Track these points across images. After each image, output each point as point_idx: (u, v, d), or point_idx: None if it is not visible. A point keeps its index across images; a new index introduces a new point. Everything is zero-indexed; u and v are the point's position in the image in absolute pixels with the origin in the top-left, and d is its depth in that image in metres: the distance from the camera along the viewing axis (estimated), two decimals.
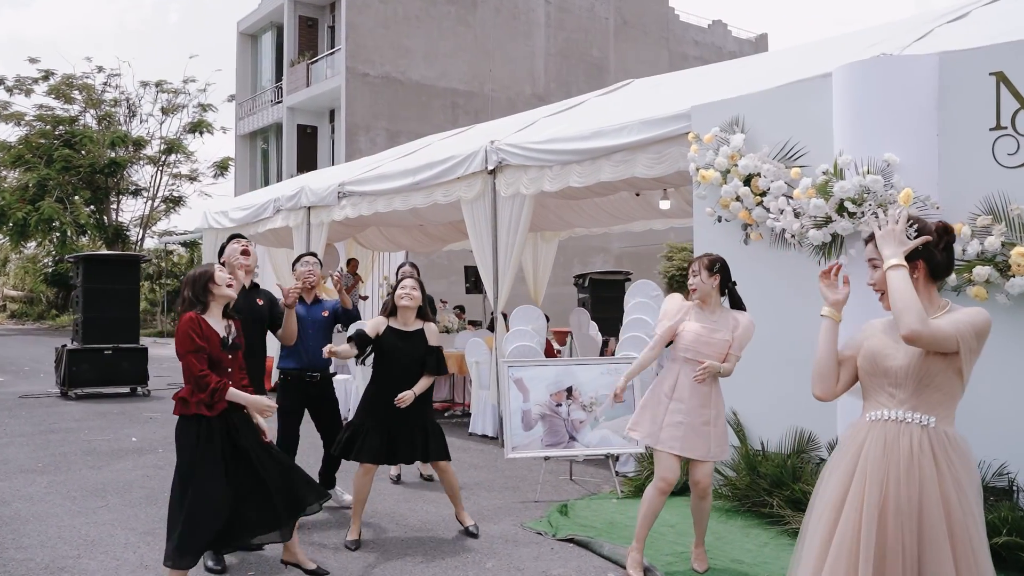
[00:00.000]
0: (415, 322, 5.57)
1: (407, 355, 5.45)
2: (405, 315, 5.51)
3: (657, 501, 4.76)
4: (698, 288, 4.76)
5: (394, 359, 5.43)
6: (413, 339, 5.50)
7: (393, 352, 5.43)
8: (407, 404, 5.33)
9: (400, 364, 5.43)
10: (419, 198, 9.99)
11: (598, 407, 6.80)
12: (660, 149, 7.32)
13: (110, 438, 9.31)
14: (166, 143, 36.71)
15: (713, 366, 4.66)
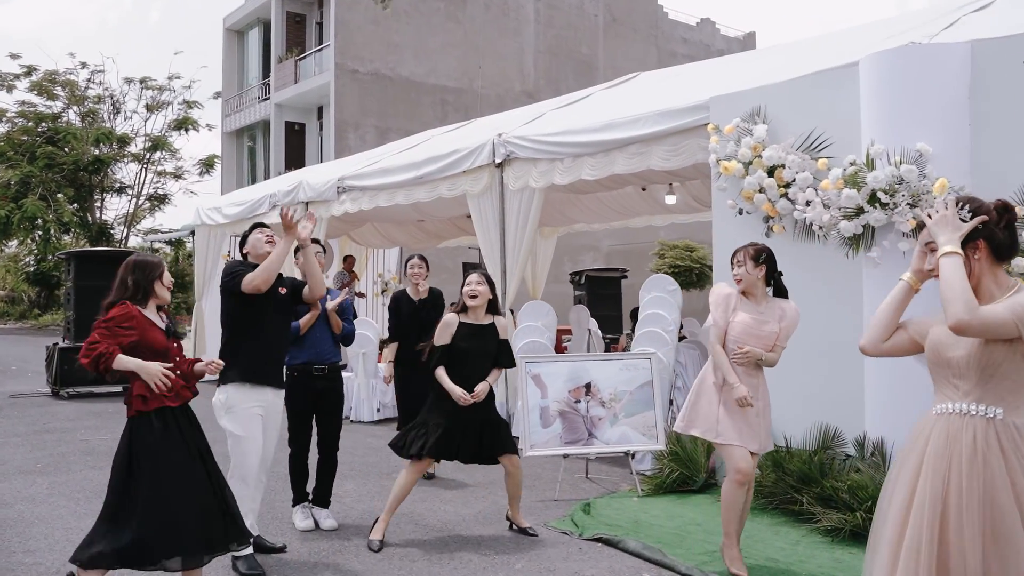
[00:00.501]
0: (486, 316, 5.51)
1: (479, 350, 5.42)
2: (476, 310, 5.47)
3: (737, 494, 4.59)
4: (743, 279, 4.60)
5: (467, 354, 5.38)
6: (485, 333, 5.46)
7: (466, 348, 5.38)
8: (482, 398, 5.33)
9: (472, 359, 5.39)
10: (423, 192, 9.82)
11: (617, 403, 6.65)
12: (677, 141, 7.18)
13: (108, 438, 9.08)
14: (151, 140, 36.25)
15: (754, 352, 4.51)
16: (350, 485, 6.92)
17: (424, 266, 7.19)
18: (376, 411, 10.32)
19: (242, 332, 4.77)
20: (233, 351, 4.77)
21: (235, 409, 4.73)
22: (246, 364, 4.78)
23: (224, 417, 4.76)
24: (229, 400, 4.74)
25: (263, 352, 4.89)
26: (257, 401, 4.80)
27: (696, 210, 11.47)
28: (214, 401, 4.79)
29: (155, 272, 4.16)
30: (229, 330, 4.83)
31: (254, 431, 4.79)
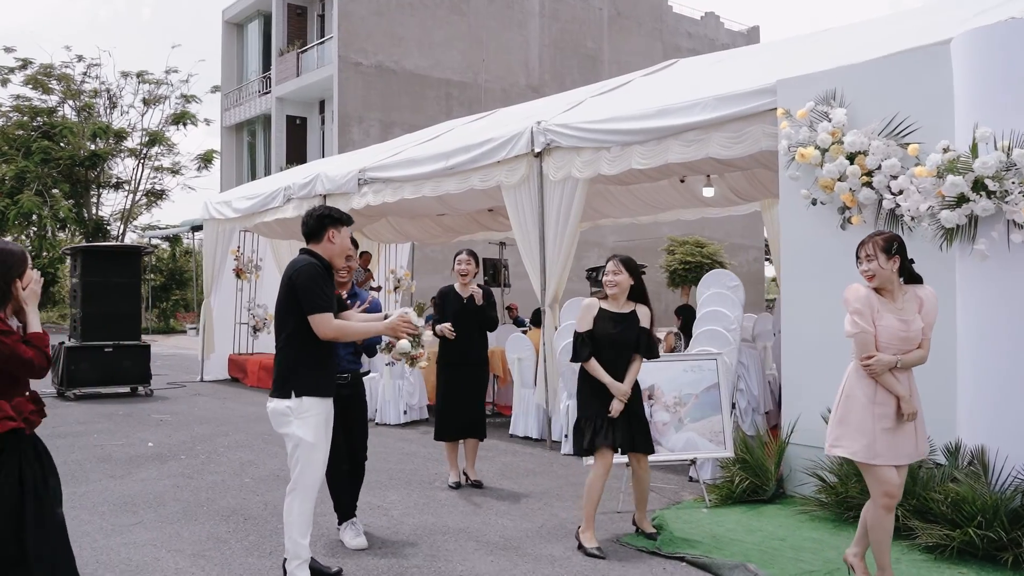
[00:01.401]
0: (628, 304, 5.33)
1: (621, 338, 5.24)
2: (617, 297, 5.31)
3: (888, 520, 4.12)
4: (876, 275, 4.08)
5: (608, 343, 5.24)
6: (627, 321, 5.28)
7: (607, 336, 5.24)
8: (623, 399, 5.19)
9: (614, 348, 5.24)
10: (452, 184, 9.34)
11: (682, 408, 6.20)
12: (739, 127, 6.73)
13: (123, 443, 8.60)
14: (148, 135, 35.68)
15: (883, 360, 4.00)
16: (394, 496, 6.45)
17: (473, 262, 6.81)
18: (403, 413, 9.85)
19: (314, 341, 4.30)
20: (305, 360, 4.32)
21: (307, 415, 4.28)
22: (320, 374, 4.37)
23: (293, 424, 4.27)
24: (301, 407, 4.27)
25: (332, 361, 4.52)
26: (325, 409, 4.40)
27: (734, 203, 11.03)
28: (277, 408, 4.31)
29: (15, 271, 3.36)
30: (299, 338, 4.31)
31: (323, 440, 4.37)
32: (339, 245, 4.45)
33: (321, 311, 4.22)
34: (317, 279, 4.26)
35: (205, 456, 7.92)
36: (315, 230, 4.43)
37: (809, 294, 6.20)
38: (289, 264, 4.43)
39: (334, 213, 4.49)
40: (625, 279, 5.28)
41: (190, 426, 9.66)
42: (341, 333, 4.33)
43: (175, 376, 15.40)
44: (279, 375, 4.33)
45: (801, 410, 6.16)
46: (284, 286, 4.35)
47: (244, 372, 14.35)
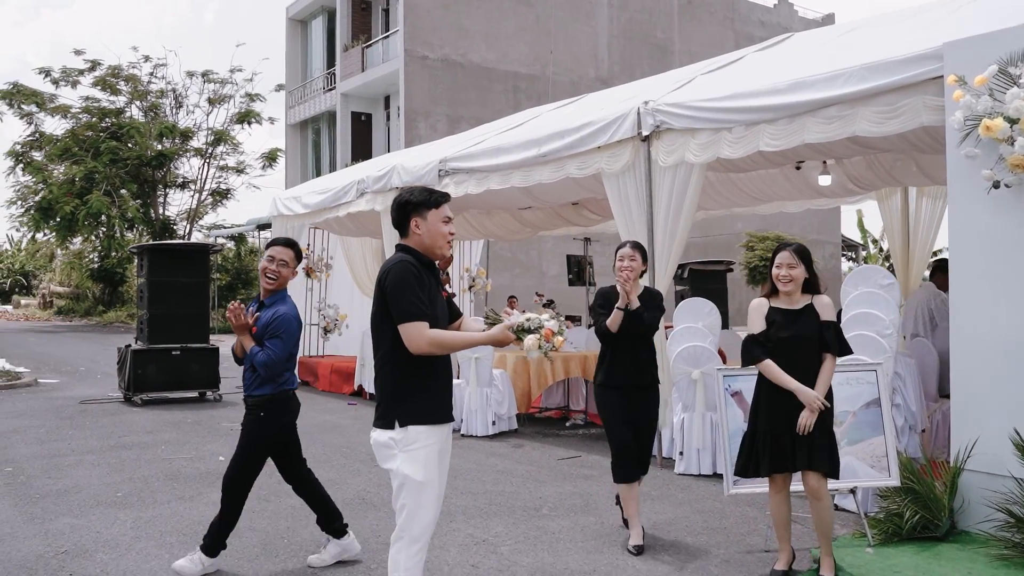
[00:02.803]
0: (802, 297, 4.63)
1: (798, 337, 4.55)
2: (790, 293, 4.62)
3: None
4: None
5: (783, 345, 4.56)
6: (803, 317, 4.58)
7: (780, 337, 4.57)
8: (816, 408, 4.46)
9: (790, 349, 4.55)
10: (545, 173, 8.50)
11: (838, 427, 5.26)
12: (895, 100, 5.76)
13: (192, 456, 7.94)
14: (213, 134, 35.60)
15: None
16: (498, 527, 5.63)
17: (639, 257, 5.35)
18: (491, 424, 9.05)
19: (418, 356, 3.50)
20: (409, 380, 3.53)
21: (414, 447, 3.49)
22: (429, 396, 3.58)
23: (398, 458, 3.49)
24: (407, 438, 3.49)
25: (445, 379, 3.71)
26: (439, 439, 3.59)
27: (852, 193, 10.00)
28: (379, 439, 3.53)
29: None
30: (399, 354, 3.51)
31: (436, 477, 3.56)
32: (429, 232, 3.61)
33: (412, 319, 3.43)
34: (408, 280, 3.47)
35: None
36: (399, 222, 3.67)
37: (986, 294, 5.24)
38: (383, 264, 3.68)
39: (414, 197, 3.65)
40: (801, 273, 4.56)
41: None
42: (438, 345, 3.48)
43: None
44: (380, 401, 3.58)
45: (979, 431, 5.20)
46: (376, 292, 3.59)
47: (315, 375, 13.72)
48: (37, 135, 34.19)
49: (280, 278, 4.75)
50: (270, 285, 4.74)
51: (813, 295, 4.62)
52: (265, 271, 4.72)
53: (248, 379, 4.82)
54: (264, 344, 4.67)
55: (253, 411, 4.93)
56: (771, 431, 4.55)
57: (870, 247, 39.54)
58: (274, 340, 4.66)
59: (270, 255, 4.74)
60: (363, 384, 12.30)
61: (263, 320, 4.71)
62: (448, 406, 3.66)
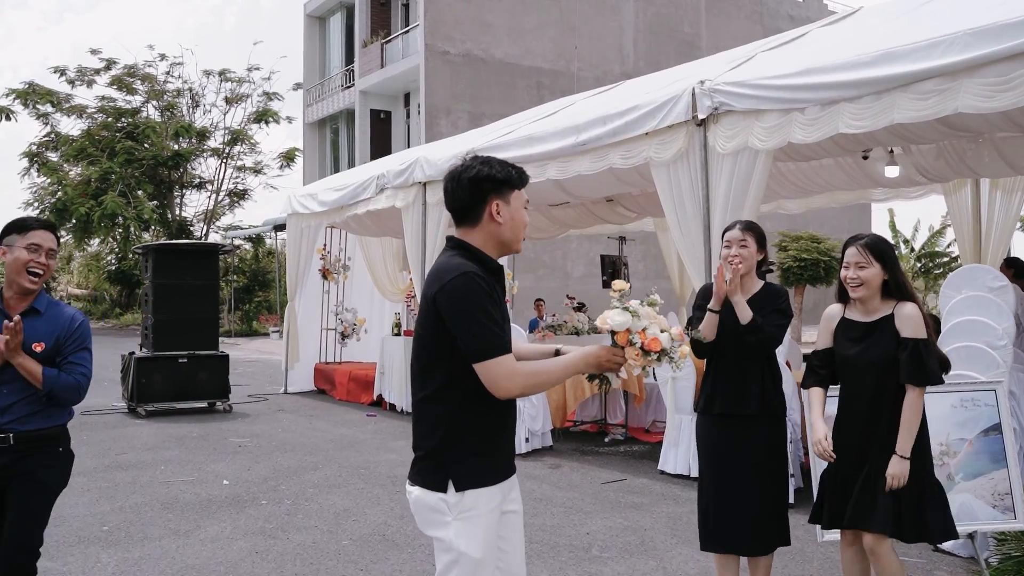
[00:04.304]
0: (882, 305, 3.64)
1: (864, 358, 3.60)
2: (866, 301, 3.65)
3: None
4: None
5: (847, 366, 3.69)
6: (877, 333, 3.61)
7: (844, 357, 3.70)
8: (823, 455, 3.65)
9: (859, 374, 3.63)
10: (585, 163, 7.66)
11: (952, 460, 4.40)
12: (1006, 69, 4.89)
13: (194, 479, 7.15)
14: (230, 134, 34.96)
15: None
16: (543, 572, 4.79)
17: (752, 242, 3.96)
18: (525, 441, 8.19)
19: (485, 400, 2.59)
20: (471, 430, 2.62)
21: (471, 514, 2.58)
22: (493, 450, 2.67)
23: (451, 527, 2.58)
24: (463, 503, 2.58)
25: (511, 427, 2.78)
26: (499, 501, 2.67)
27: (916, 184, 9.11)
28: (425, 501, 2.62)
29: None
30: (460, 393, 2.61)
31: (494, 551, 2.64)
32: (512, 221, 2.66)
33: (496, 353, 2.52)
34: (479, 299, 2.53)
35: (291, 501, 6.39)
36: (468, 205, 2.64)
37: None
38: (431, 270, 2.67)
39: (496, 171, 2.63)
40: (876, 274, 3.58)
41: (272, 455, 8.19)
42: (535, 385, 2.62)
43: (257, 386, 14.08)
44: (426, 451, 2.65)
45: None
46: (427, 309, 2.62)
47: (332, 384, 12.92)
48: (53, 135, 33.66)
49: (47, 273, 3.42)
50: (35, 284, 3.40)
51: (898, 302, 3.60)
52: (28, 265, 3.35)
53: (25, 409, 3.39)
54: (69, 361, 3.45)
55: (50, 451, 3.51)
56: (838, 473, 3.68)
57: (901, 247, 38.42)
58: (82, 353, 3.49)
59: (34, 243, 3.37)
60: (383, 393, 11.49)
61: (43, 331, 3.41)
62: (510, 462, 2.76)
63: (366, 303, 13.86)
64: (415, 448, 2.68)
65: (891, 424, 3.52)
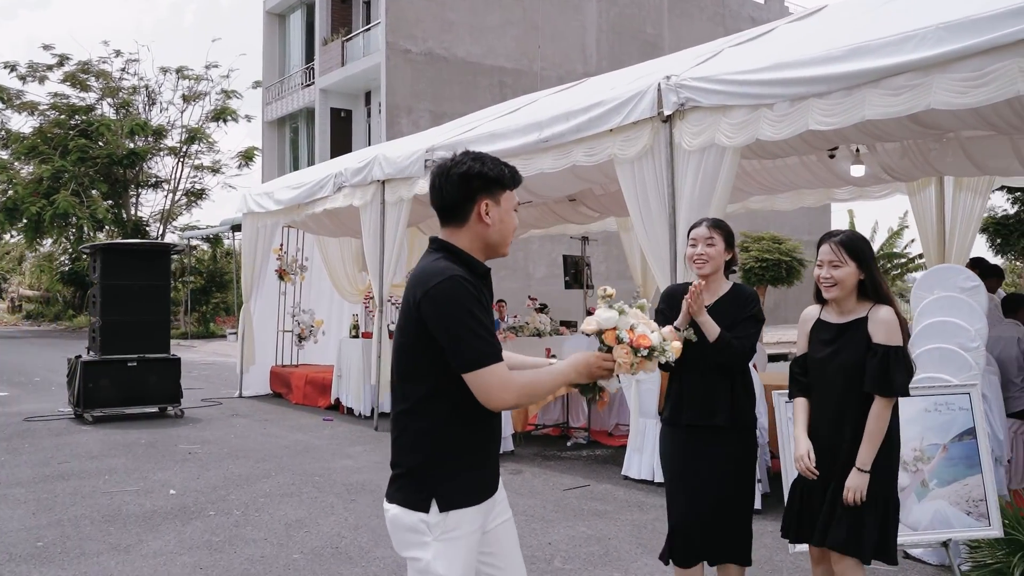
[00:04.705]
0: (858, 306, 3.43)
1: (832, 363, 3.42)
2: (840, 302, 3.47)
3: None
4: None
5: (820, 371, 3.48)
6: (847, 335, 3.41)
7: (815, 361, 3.52)
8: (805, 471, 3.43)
9: (829, 379, 3.43)
10: (547, 161, 7.46)
11: (926, 465, 4.25)
12: (981, 64, 4.75)
13: (139, 488, 6.83)
14: (188, 132, 34.31)
15: None
16: None
17: (720, 240, 3.73)
18: None
19: (473, 413, 2.43)
20: (456, 444, 2.46)
21: (453, 535, 2.42)
22: (479, 465, 2.50)
23: (430, 548, 2.40)
24: (446, 524, 2.41)
25: (496, 441, 2.60)
26: (481, 522, 2.51)
27: (882, 183, 9.03)
28: (403, 521, 2.44)
29: None
30: (446, 405, 2.44)
31: (472, 571, 2.49)
32: (502, 223, 2.51)
33: (487, 362, 2.36)
34: (468, 304, 2.37)
35: (240, 512, 6.10)
36: (456, 202, 2.48)
37: None
38: (413, 274, 2.51)
39: (488, 168, 2.47)
40: (851, 273, 3.38)
41: (223, 462, 7.88)
42: (530, 393, 2.44)
43: (211, 389, 13.70)
44: (407, 467, 2.47)
45: None
46: (409, 314, 2.45)
47: (288, 387, 12.59)
48: (3, 132, 32.82)
49: None
50: None
51: (874, 304, 3.40)
52: None
53: None
54: None
55: None
56: (807, 486, 3.48)
57: None
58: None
59: None
60: (340, 397, 11.20)
61: None
62: (494, 480, 2.58)
63: (324, 304, 13.55)
64: (394, 464, 2.50)
65: (857, 435, 3.33)
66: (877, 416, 3.27)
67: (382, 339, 9.77)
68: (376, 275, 9.82)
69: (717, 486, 3.58)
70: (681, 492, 3.66)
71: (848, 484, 3.27)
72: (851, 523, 3.27)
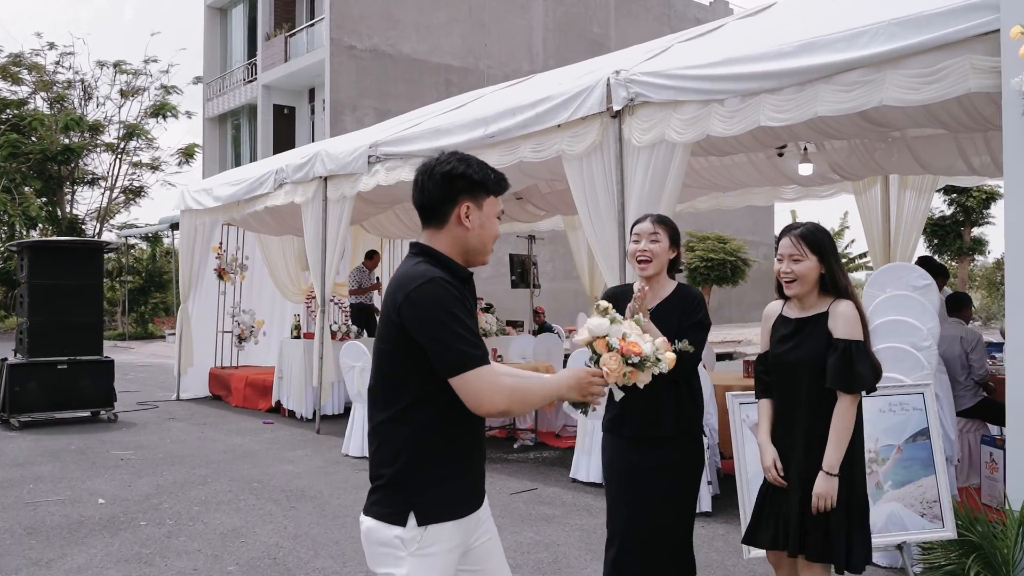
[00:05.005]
0: (819, 301, 3.31)
1: (790, 359, 3.30)
2: (802, 297, 3.33)
3: None
4: None
5: (782, 370, 3.35)
6: (808, 330, 3.29)
7: (775, 358, 3.38)
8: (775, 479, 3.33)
9: (791, 377, 3.30)
10: (494, 157, 7.26)
11: (881, 467, 4.17)
12: (933, 60, 4.72)
13: (66, 498, 6.50)
14: (125, 128, 33.42)
15: None
16: None
17: (664, 236, 3.52)
18: None
19: (457, 420, 2.35)
20: (437, 454, 2.35)
21: (431, 550, 2.30)
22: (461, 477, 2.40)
23: (405, 563, 2.28)
24: (425, 539, 2.30)
25: (480, 452, 2.49)
26: (461, 539, 2.39)
27: (829, 182, 9.04)
28: (378, 534, 2.33)
29: None
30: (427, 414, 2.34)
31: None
32: (483, 228, 2.43)
33: (474, 364, 2.25)
34: (451, 306, 2.28)
35: (173, 522, 5.82)
36: (438, 202, 2.40)
37: None
38: (393, 278, 2.41)
39: (472, 170, 2.40)
40: (812, 268, 3.27)
41: (157, 468, 7.56)
42: (521, 399, 2.35)
43: (148, 393, 13.27)
44: (387, 478, 2.35)
45: None
46: (390, 320, 2.35)
47: (228, 389, 12.24)
48: None
49: None
50: None
51: (835, 299, 3.29)
52: None
53: None
54: None
55: None
56: (776, 493, 3.36)
57: None
58: None
59: None
60: (281, 399, 10.90)
61: None
62: (479, 493, 2.48)
63: (266, 304, 13.21)
64: (374, 476, 2.40)
65: (821, 436, 3.22)
66: (842, 415, 3.17)
67: (324, 340, 9.52)
68: (318, 274, 9.56)
69: (660, 499, 3.37)
70: (624, 505, 3.43)
71: (816, 490, 3.16)
72: (821, 530, 3.18)
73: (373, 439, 2.39)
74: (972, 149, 7.67)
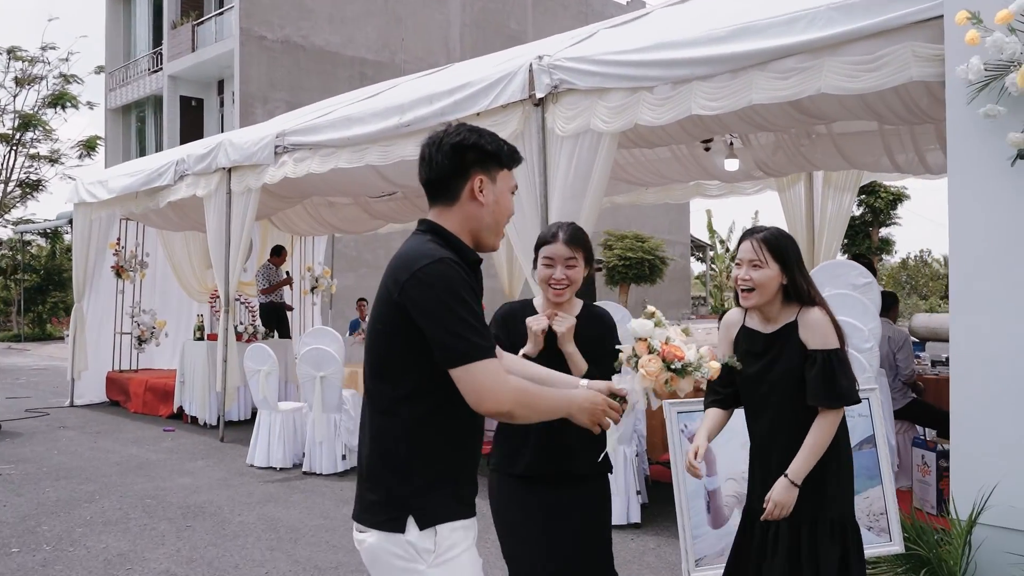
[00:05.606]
0: (784, 311, 3.00)
1: (768, 378, 2.98)
2: (763, 308, 3.03)
3: None
4: None
5: (751, 386, 3.05)
6: (778, 345, 2.98)
7: (745, 373, 3.03)
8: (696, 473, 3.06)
9: (762, 395, 3.01)
10: (409, 147, 6.84)
11: None
12: (874, 47, 4.48)
13: None
14: (21, 118, 31.77)
15: None
16: None
17: (580, 256, 3.04)
18: (341, 459, 7.33)
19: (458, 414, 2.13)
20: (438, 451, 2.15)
21: (450, 555, 2.10)
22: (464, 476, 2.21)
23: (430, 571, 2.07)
24: (440, 545, 2.08)
25: (478, 448, 2.27)
26: (474, 537, 2.21)
27: (755, 179, 8.85)
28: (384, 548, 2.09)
29: None
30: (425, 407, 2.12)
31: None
32: (497, 204, 2.24)
33: (480, 356, 2.04)
34: (460, 290, 2.07)
35: (51, 547, 5.25)
36: (446, 173, 2.19)
37: (1001, 303, 4.00)
38: (396, 256, 2.19)
39: (485, 141, 2.20)
40: (773, 276, 2.95)
41: (40, 484, 6.92)
42: (527, 402, 2.11)
43: (40, 398, 12.44)
44: (383, 481, 2.13)
45: (997, 477, 3.96)
46: (388, 301, 2.12)
47: (126, 394, 11.50)
48: None
49: None
50: None
51: (802, 307, 2.98)
52: None
53: None
54: None
55: None
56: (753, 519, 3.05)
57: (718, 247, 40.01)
58: None
59: None
60: (183, 405, 10.27)
61: None
62: (476, 489, 2.29)
63: (170, 304, 12.50)
64: (366, 478, 2.17)
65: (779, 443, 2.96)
66: (823, 428, 2.87)
67: (228, 341, 8.95)
68: (221, 272, 8.99)
69: (580, 542, 2.92)
70: (525, 555, 2.90)
71: (773, 496, 2.85)
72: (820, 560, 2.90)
73: (365, 435, 2.19)
74: (898, 146, 7.57)
